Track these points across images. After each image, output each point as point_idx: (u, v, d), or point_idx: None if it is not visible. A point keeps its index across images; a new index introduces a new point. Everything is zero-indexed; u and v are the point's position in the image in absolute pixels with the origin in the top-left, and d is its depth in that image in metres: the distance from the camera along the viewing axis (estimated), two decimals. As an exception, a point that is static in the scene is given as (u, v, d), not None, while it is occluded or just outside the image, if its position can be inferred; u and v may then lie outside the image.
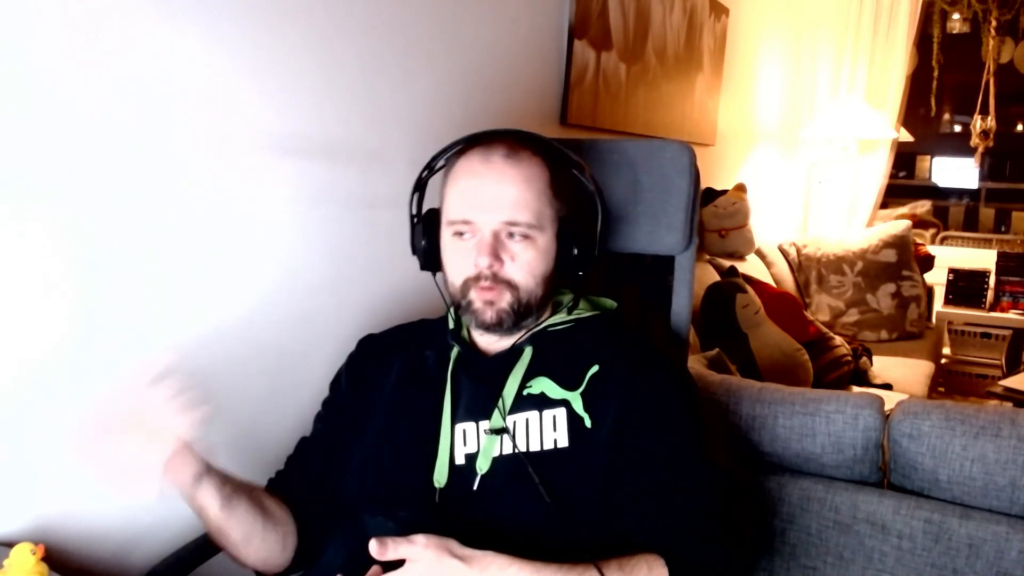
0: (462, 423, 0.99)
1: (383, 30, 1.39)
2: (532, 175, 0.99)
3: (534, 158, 1.01)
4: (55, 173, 0.95)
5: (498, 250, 0.97)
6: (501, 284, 0.97)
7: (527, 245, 0.98)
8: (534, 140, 1.03)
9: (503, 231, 0.97)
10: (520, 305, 0.98)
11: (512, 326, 1.00)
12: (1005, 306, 3.86)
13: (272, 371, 1.26)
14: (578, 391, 0.98)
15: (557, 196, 1.01)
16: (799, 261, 3.55)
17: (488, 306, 0.98)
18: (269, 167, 1.21)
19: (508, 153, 0.99)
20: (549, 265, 1.01)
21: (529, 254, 0.98)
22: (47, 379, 0.97)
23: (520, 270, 0.98)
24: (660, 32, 2.50)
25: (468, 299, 0.99)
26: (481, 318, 0.98)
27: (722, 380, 1.54)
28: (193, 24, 1.07)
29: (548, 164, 1.02)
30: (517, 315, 0.99)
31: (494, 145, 1.00)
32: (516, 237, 0.97)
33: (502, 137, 1.01)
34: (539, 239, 0.99)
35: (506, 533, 0.89)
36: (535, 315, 1.02)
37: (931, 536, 1.27)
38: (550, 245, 1.00)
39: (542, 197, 0.99)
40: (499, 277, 0.97)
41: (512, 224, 0.97)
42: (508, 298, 0.98)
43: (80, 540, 1.02)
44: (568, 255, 1.01)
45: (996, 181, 6.82)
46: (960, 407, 1.34)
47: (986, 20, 4.36)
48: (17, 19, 0.89)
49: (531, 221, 0.97)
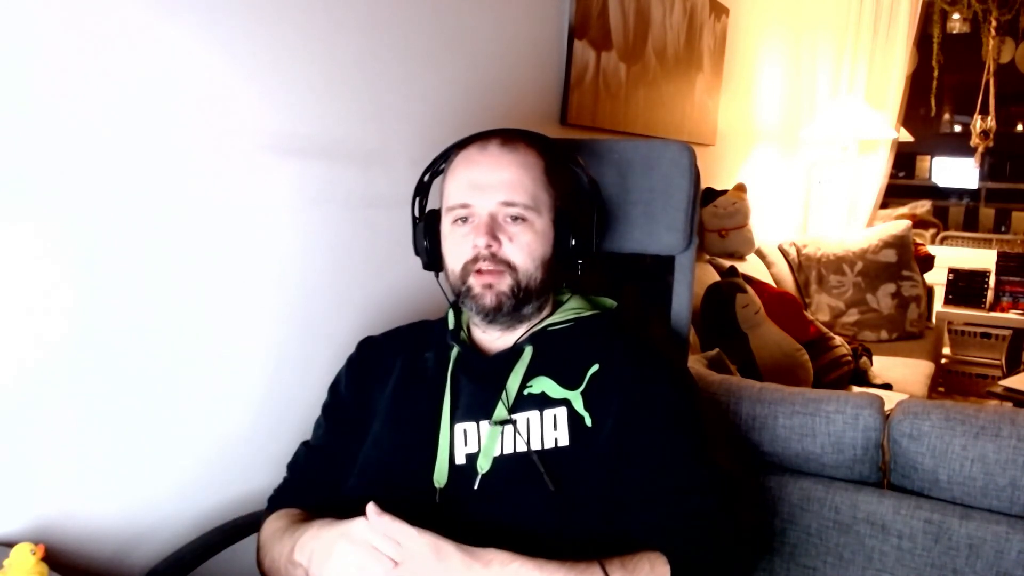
0: (462, 423, 0.99)
1: (383, 30, 1.39)
2: (528, 162, 1.02)
3: (530, 148, 1.04)
4: (55, 173, 0.95)
5: (495, 230, 0.99)
6: (500, 265, 0.99)
7: (525, 227, 1.00)
8: (529, 135, 1.06)
9: (500, 213, 0.99)
10: (519, 288, 1.00)
11: (512, 311, 1.00)
12: (1005, 306, 3.86)
13: (272, 371, 1.26)
14: (578, 390, 0.98)
15: (553, 185, 1.04)
16: (799, 261, 3.55)
17: (487, 290, 0.99)
18: (269, 167, 1.21)
19: (504, 141, 1.03)
20: (547, 249, 1.02)
21: (527, 235, 1.00)
22: (47, 379, 0.97)
23: (518, 251, 1.00)
24: (660, 32, 2.50)
25: (467, 285, 1.00)
26: (481, 302, 0.99)
27: (722, 380, 1.54)
28: (193, 24, 1.07)
29: (544, 156, 1.05)
30: (516, 299, 1.00)
31: (491, 137, 1.04)
32: (513, 219, 1.00)
33: (499, 132, 1.06)
34: (536, 222, 1.01)
35: (507, 532, 0.89)
36: (534, 303, 1.03)
37: (931, 536, 1.27)
38: (547, 230, 1.02)
39: (538, 182, 1.02)
40: (498, 257, 0.99)
41: (509, 204, 0.99)
42: (508, 280, 0.99)
43: (80, 540, 1.02)
44: (566, 243, 1.03)
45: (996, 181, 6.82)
46: (960, 407, 1.34)
47: (986, 20, 4.36)
48: (17, 19, 0.89)
49: (527, 202, 1.00)
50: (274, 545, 0.97)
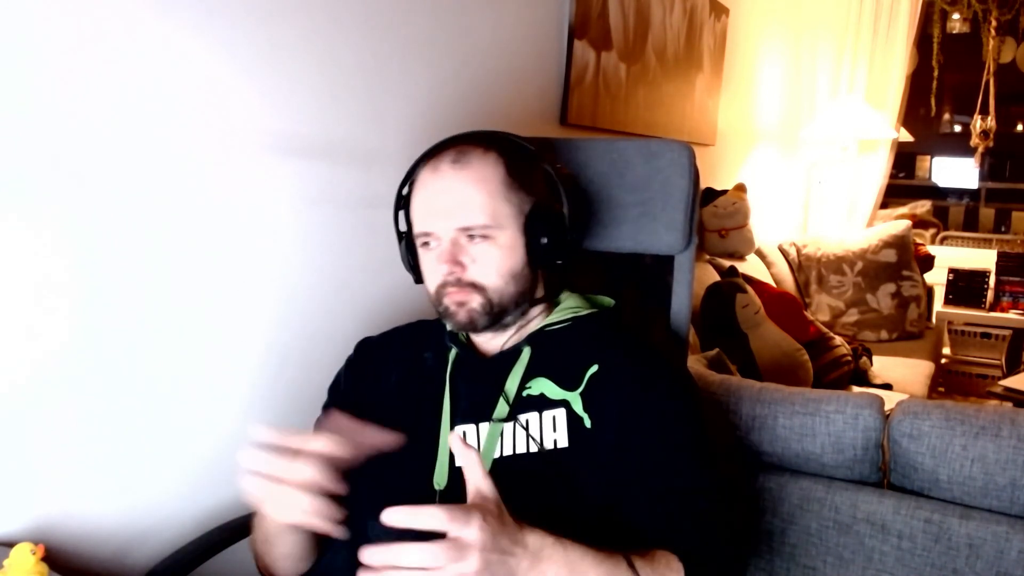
0: (462, 425, 0.99)
1: (383, 30, 1.39)
2: (483, 175, 0.98)
3: (486, 156, 1.00)
4: (55, 173, 0.95)
5: (457, 255, 0.97)
6: (466, 287, 0.98)
7: (487, 245, 0.98)
8: (486, 138, 1.02)
9: (460, 237, 0.97)
10: (492, 305, 0.99)
11: (488, 325, 1.00)
12: (1005, 306, 3.86)
13: (272, 371, 1.26)
14: (577, 391, 0.98)
15: (518, 189, 1.00)
16: (799, 261, 3.55)
17: (460, 307, 0.98)
18: (269, 168, 1.21)
19: (455, 158, 0.99)
20: (517, 260, 1.00)
21: (491, 253, 0.98)
22: (47, 379, 0.97)
23: (483, 270, 0.98)
24: (660, 32, 2.50)
25: (443, 305, 1.00)
26: (455, 320, 0.99)
27: (722, 380, 1.54)
28: (192, 24, 1.07)
29: (504, 159, 1.01)
30: (490, 315, 0.99)
31: (442, 154, 1.00)
32: (475, 239, 0.97)
33: (450, 144, 1.02)
34: (499, 237, 0.98)
35: None
36: (514, 312, 1.02)
37: (931, 536, 1.27)
38: (515, 240, 0.99)
39: (497, 195, 0.98)
40: (463, 281, 0.97)
41: (466, 229, 0.97)
42: (478, 299, 0.98)
43: (80, 540, 1.02)
44: (538, 246, 1.00)
45: (996, 181, 6.83)
46: (960, 407, 1.34)
47: (986, 20, 4.37)
48: (17, 19, 0.89)
49: (486, 222, 0.97)
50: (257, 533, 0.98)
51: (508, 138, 1.04)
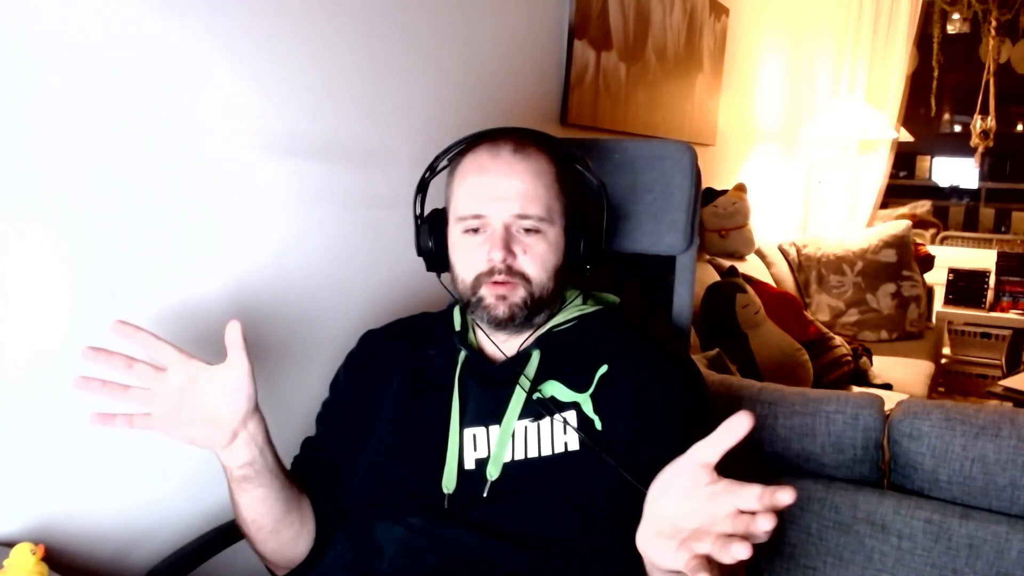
0: (471, 428, 0.98)
1: (383, 30, 1.39)
2: (540, 169, 1.00)
3: (540, 153, 1.01)
4: (54, 173, 0.95)
5: (510, 243, 0.97)
6: (515, 277, 0.97)
7: (538, 238, 0.98)
8: (538, 137, 1.04)
9: (514, 224, 0.97)
10: (532, 299, 0.98)
11: (524, 321, 0.99)
12: (1005, 306, 3.86)
13: (272, 372, 1.26)
14: (587, 393, 0.97)
15: (563, 191, 1.02)
16: (799, 261, 3.55)
17: (500, 301, 0.97)
18: (269, 167, 1.21)
19: (516, 148, 1.00)
20: (559, 258, 1.01)
21: (541, 247, 0.98)
22: (47, 379, 0.97)
23: (532, 263, 0.98)
24: (660, 32, 2.50)
25: (479, 295, 0.99)
26: (493, 313, 0.98)
27: (722, 380, 1.54)
28: (192, 24, 1.07)
29: (553, 160, 1.03)
30: (529, 309, 0.99)
31: (501, 141, 1.01)
32: (527, 231, 0.98)
33: (508, 134, 1.02)
34: (549, 232, 0.99)
35: (516, 539, 0.89)
36: (546, 312, 1.02)
37: (931, 536, 1.27)
38: (559, 239, 1.01)
39: (550, 191, 1.00)
40: (513, 270, 0.97)
41: (523, 217, 0.97)
42: (521, 292, 0.98)
43: (80, 540, 1.02)
44: (576, 249, 1.02)
45: (996, 181, 6.82)
46: (960, 407, 1.34)
47: (986, 20, 4.36)
48: (16, 19, 0.89)
49: (541, 214, 0.98)
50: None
51: (555, 140, 1.06)
